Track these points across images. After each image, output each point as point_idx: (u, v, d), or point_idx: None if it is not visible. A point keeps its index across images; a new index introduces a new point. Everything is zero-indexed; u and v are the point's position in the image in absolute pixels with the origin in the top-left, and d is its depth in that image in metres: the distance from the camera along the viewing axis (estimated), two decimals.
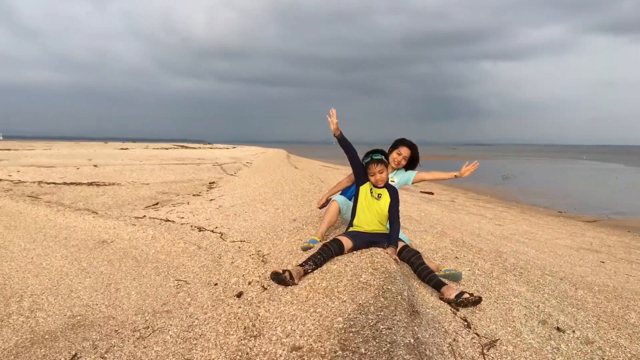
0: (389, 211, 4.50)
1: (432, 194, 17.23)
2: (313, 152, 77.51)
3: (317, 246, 4.48)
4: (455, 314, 3.64)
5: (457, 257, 5.37)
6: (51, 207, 8.40)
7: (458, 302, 3.78)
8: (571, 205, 17.23)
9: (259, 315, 3.46)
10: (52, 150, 31.93)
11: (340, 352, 2.71)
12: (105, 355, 3.34)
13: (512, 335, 3.53)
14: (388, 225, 4.54)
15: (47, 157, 23.35)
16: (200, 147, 51.21)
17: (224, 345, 3.22)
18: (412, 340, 2.76)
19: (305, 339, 2.96)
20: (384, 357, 2.58)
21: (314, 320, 3.16)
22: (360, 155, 4.70)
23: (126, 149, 38.13)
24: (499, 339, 3.40)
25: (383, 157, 4.58)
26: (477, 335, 3.39)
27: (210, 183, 13.52)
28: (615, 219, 14.25)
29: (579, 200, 18.75)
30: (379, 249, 4.17)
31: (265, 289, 3.93)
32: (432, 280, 4.01)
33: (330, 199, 5.39)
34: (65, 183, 12.28)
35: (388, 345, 2.67)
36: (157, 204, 9.58)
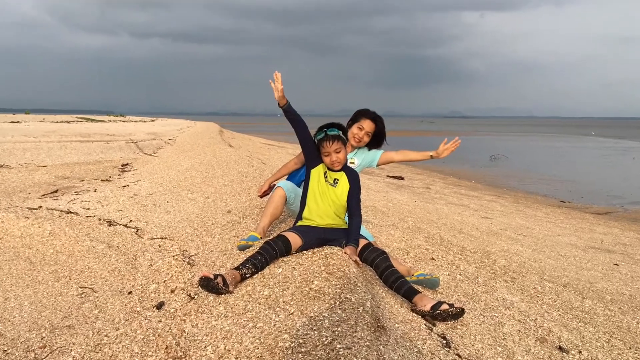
0: (347, 200, 4.53)
1: (403, 178, 17.49)
2: (252, 127, 77.40)
3: (258, 245, 4.49)
4: (432, 329, 3.70)
5: (433, 259, 5.48)
6: None
7: (435, 315, 3.84)
8: (577, 193, 17.69)
9: (184, 331, 3.46)
10: None
11: None
12: None
13: (503, 357, 3.63)
14: (347, 219, 4.59)
15: None
16: (110, 121, 50.53)
17: None
18: None
19: None
20: None
21: (253, 337, 3.18)
22: (312, 131, 4.71)
23: (17, 122, 37.22)
24: None
25: (340, 132, 4.58)
26: (459, 356, 3.44)
27: (123, 165, 13.61)
28: (633, 211, 14.57)
29: (587, 187, 19.25)
30: (335, 248, 4.19)
31: (192, 298, 3.92)
32: (402, 287, 4.07)
33: (275, 185, 5.40)
34: None
35: None
36: (56, 191, 9.54)
